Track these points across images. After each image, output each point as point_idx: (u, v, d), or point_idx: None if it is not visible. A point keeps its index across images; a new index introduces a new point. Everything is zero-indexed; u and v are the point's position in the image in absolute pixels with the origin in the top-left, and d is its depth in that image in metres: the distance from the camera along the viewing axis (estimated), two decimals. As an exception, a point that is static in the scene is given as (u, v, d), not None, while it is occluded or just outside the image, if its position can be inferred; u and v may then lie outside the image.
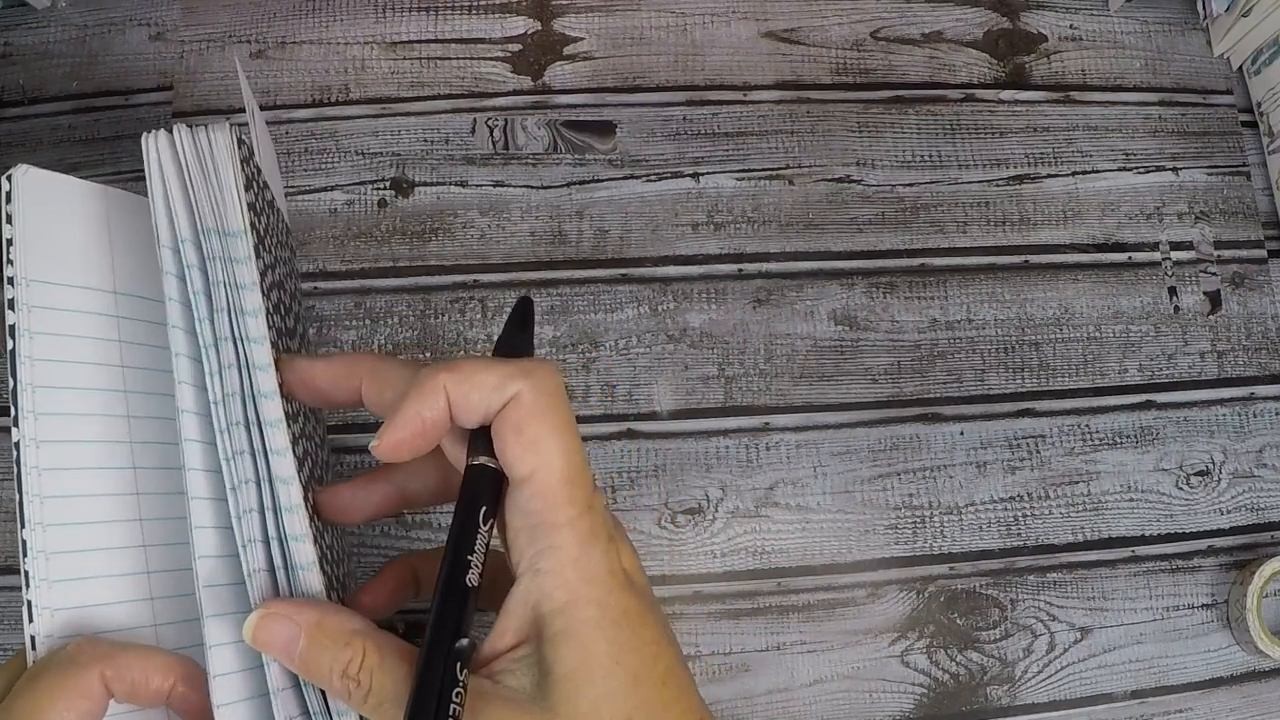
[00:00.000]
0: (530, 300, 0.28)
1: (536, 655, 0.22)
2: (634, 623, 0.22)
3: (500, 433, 0.23)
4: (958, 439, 0.53)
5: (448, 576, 0.22)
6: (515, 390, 0.22)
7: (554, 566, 0.22)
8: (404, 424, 0.23)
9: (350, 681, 0.22)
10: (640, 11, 0.57)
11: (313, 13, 0.56)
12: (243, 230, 0.26)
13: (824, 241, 0.55)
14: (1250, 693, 0.51)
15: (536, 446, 0.22)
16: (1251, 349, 0.56)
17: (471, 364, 0.23)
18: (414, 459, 0.25)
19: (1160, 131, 0.58)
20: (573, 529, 0.22)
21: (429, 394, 0.23)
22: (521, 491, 0.22)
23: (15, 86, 0.54)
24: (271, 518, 0.24)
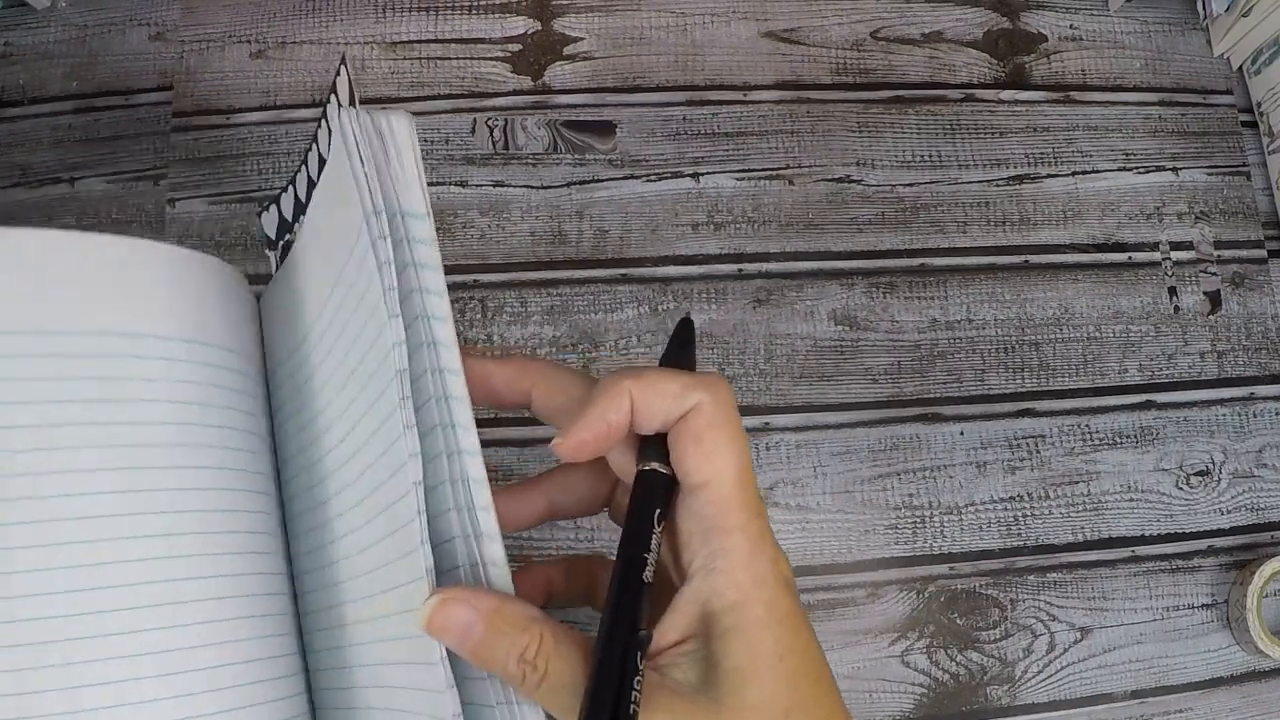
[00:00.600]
0: (691, 321, 0.29)
1: (704, 650, 0.23)
2: (795, 624, 0.23)
3: (679, 440, 0.24)
4: (958, 439, 0.53)
5: (625, 571, 0.23)
6: (696, 400, 0.24)
7: (727, 567, 0.23)
8: (589, 425, 0.24)
9: (527, 666, 0.22)
10: (640, 11, 0.57)
11: (313, 13, 0.56)
12: (425, 212, 0.26)
13: (824, 241, 0.55)
14: (1250, 693, 0.51)
15: (713, 455, 0.23)
16: (1251, 349, 0.56)
17: (656, 373, 0.24)
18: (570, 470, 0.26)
19: (1160, 131, 0.58)
20: (744, 533, 0.23)
21: (615, 397, 0.24)
22: (696, 497, 0.23)
23: (15, 86, 0.54)
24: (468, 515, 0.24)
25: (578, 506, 0.29)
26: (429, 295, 0.26)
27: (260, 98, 0.54)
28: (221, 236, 0.52)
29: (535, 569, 0.32)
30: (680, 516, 0.24)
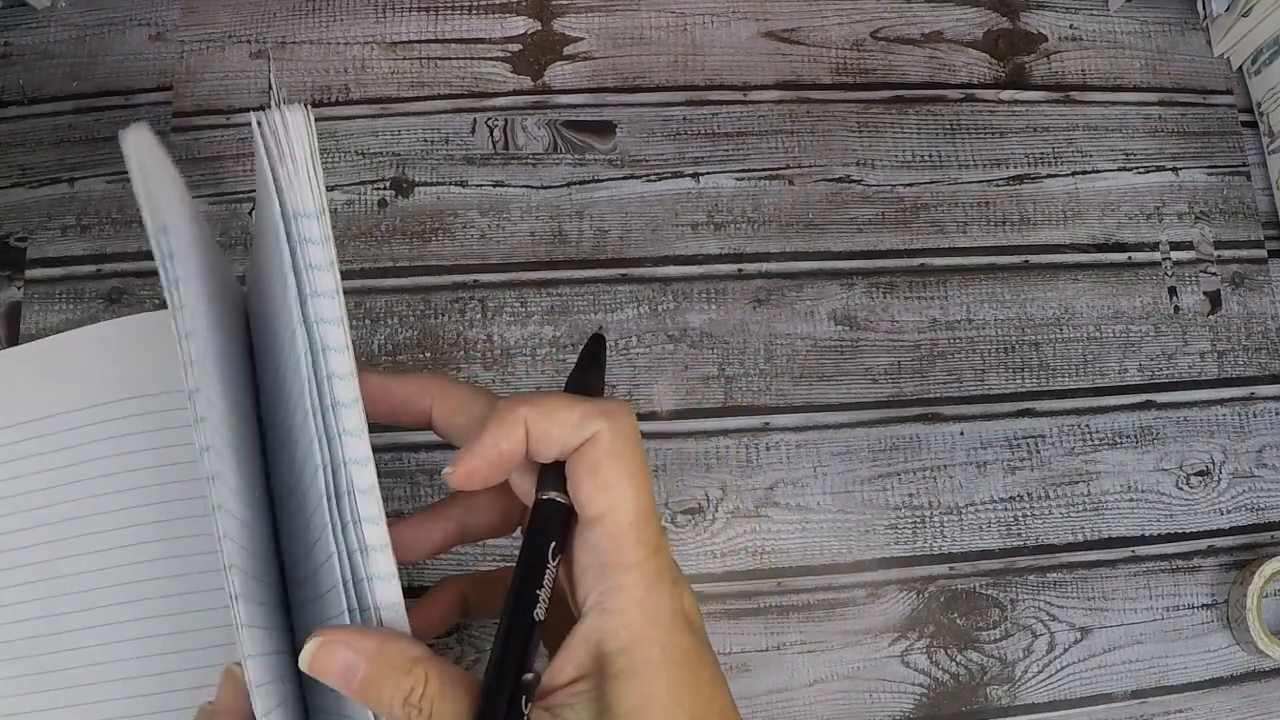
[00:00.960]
0: (603, 338, 0.28)
1: (596, 692, 0.23)
2: (693, 664, 0.23)
3: (576, 471, 0.23)
4: (958, 439, 0.53)
5: (514, 609, 0.23)
6: (594, 430, 0.23)
7: (620, 606, 0.22)
8: (481, 453, 0.23)
9: (412, 709, 0.22)
10: (640, 11, 0.57)
11: (313, 13, 0.56)
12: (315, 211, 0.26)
13: (824, 241, 0.55)
14: (1250, 693, 0.51)
15: (611, 488, 0.23)
16: (1251, 349, 0.56)
17: (553, 399, 0.23)
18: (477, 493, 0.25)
19: (1160, 131, 0.58)
20: (640, 571, 0.23)
21: (508, 425, 0.23)
22: (592, 530, 0.23)
23: (15, 86, 0.54)
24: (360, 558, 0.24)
25: (488, 529, 0.29)
26: (318, 298, 0.25)
27: (260, 98, 0.54)
28: (222, 236, 0.52)
29: (448, 584, 0.31)
30: (577, 549, 0.24)
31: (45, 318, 0.51)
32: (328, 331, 0.25)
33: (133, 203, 0.52)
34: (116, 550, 0.37)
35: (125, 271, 0.52)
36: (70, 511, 0.37)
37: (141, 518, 0.37)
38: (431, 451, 0.50)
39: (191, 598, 0.37)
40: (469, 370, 0.51)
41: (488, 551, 0.47)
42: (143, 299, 0.51)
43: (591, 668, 0.23)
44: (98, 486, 0.38)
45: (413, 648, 0.23)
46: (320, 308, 0.25)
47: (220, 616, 0.37)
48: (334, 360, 0.24)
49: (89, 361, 0.38)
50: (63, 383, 0.39)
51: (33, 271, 0.51)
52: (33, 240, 0.52)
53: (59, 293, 0.51)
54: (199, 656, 0.37)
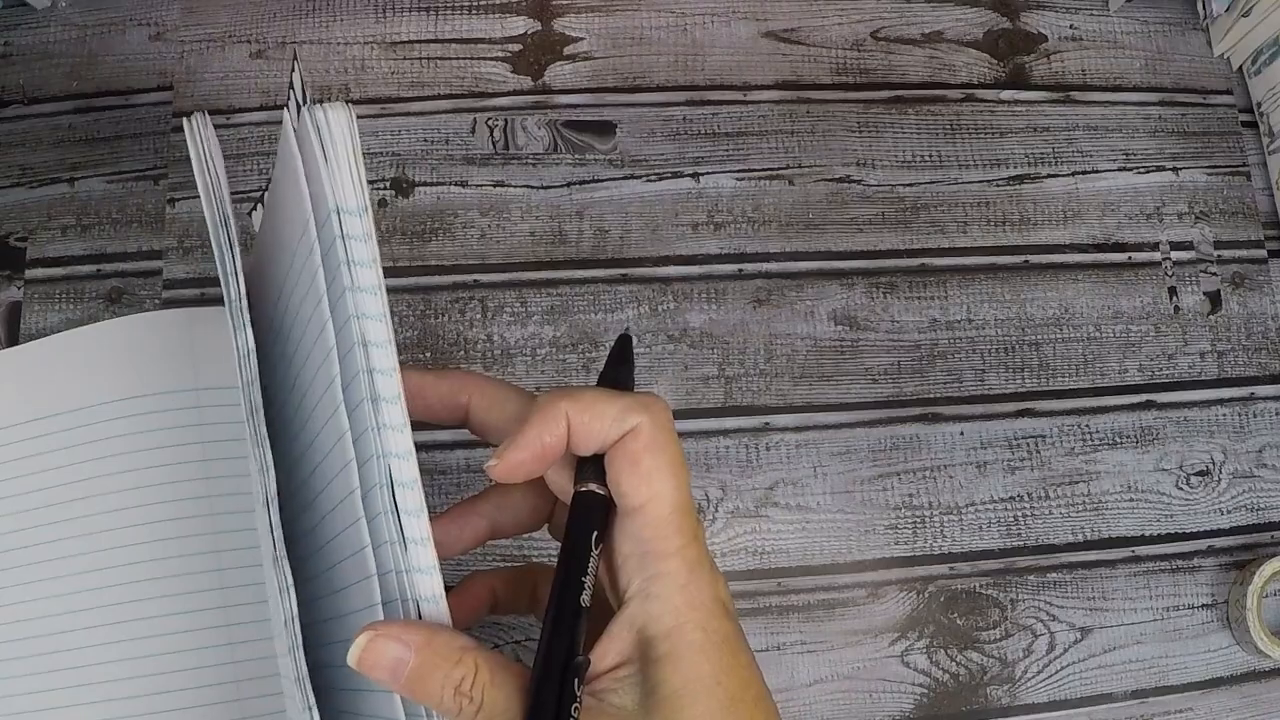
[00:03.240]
0: (630, 337, 0.29)
1: (640, 676, 0.23)
2: (732, 648, 0.24)
3: (616, 462, 0.24)
4: (958, 439, 0.53)
5: (561, 595, 0.23)
6: (635, 423, 0.24)
7: (663, 592, 0.23)
8: (525, 445, 0.23)
9: (463, 698, 0.22)
10: (640, 11, 0.57)
11: (313, 13, 0.56)
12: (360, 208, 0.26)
13: (824, 241, 0.55)
14: (1250, 693, 0.51)
15: (651, 479, 0.23)
16: (1251, 349, 0.56)
17: (593, 394, 0.24)
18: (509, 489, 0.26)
19: (1160, 131, 0.58)
20: (681, 558, 0.23)
21: (551, 419, 0.24)
22: (633, 520, 0.23)
23: (15, 86, 0.54)
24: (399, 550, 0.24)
25: (518, 525, 0.29)
26: (361, 293, 0.25)
27: (260, 98, 0.54)
28: (221, 236, 0.52)
29: (477, 579, 0.31)
30: (617, 539, 0.24)
31: (45, 318, 0.51)
32: (370, 326, 0.25)
33: (133, 202, 0.52)
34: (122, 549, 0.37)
35: (125, 271, 0.52)
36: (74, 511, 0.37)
37: (145, 516, 0.37)
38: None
39: (195, 597, 0.37)
40: (469, 370, 0.51)
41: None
42: (142, 299, 0.51)
43: (635, 653, 0.23)
44: (101, 485, 0.38)
45: (460, 638, 0.23)
46: (363, 303, 0.25)
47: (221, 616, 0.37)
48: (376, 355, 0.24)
49: (98, 359, 0.39)
50: (69, 380, 0.39)
51: (33, 271, 0.51)
52: (33, 240, 0.52)
53: (59, 293, 0.51)
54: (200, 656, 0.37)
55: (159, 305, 0.51)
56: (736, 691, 0.23)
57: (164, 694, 0.37)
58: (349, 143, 0.26)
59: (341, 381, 0.25)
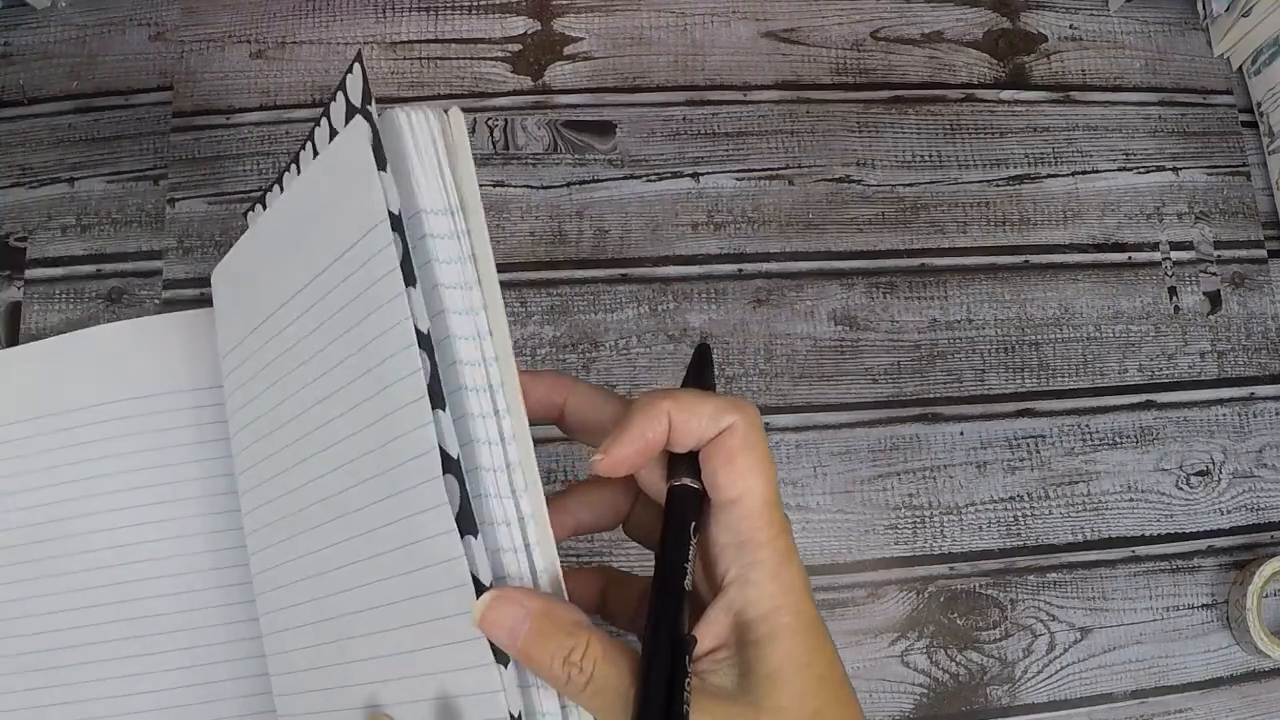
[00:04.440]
0: (709, 346, 0.31)
1: (738, 657, 0.25)
2: (820, 631, 0.25)
3: (713, 458, 0.25)
4: (958, 439, 0.53)
5: (665, 579, 0.25)
6: (730, 421, 0.25)
7: (759, 579, 0.25)
8: (630, 441, 0.25)
9: (573, 668, 0.23)
10: (640, 11, 0.57)
11: (313, 13, 0.56)
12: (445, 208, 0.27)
13: (824, 241, 0.55)
14: (1250, 693, 0.51)
15: (746, 474, 0.25)
16: (1251, 349, 0.56)
17: (690, 394, 0.26)
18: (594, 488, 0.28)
19: (1160, 131, 0.58)
20: (773, 548, 0.25)
21: (653, 416, 0.25)
22: (729, 512, 0.25)
23: (15, 86, 0.54)
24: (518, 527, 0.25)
25: (599, 522, 0.30)
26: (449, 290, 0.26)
27: (260, 98, 0.54)
28: (221, 236, 0.52)
29: (597, 571, 0.33)
30: (713, 530, 0.26)
31: (45, 318, 0.51)
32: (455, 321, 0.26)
33: (133, 202, 0.52)
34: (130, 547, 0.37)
35: (125, 271, 0.52)
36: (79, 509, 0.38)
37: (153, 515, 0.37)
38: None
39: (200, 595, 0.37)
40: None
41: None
42: (142, 299, 0.51)
43: (732, 636, 0.25)
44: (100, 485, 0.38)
45: (576, 613, 0.24)
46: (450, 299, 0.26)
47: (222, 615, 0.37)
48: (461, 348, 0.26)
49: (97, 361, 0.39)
50: (68, 381, 0.39)
51: (33, 271, 0.51)
52: (33, 240, 0.52)
53: (59, 293, 0.51)
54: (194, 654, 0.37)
55: (159, 305, 0.51)
56: (824, 671, 0.25)
57: (160, 692, 0.37)
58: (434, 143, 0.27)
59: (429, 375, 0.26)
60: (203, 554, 0.37)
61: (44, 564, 0.37)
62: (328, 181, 0.29)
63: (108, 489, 0.38)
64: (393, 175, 0.27)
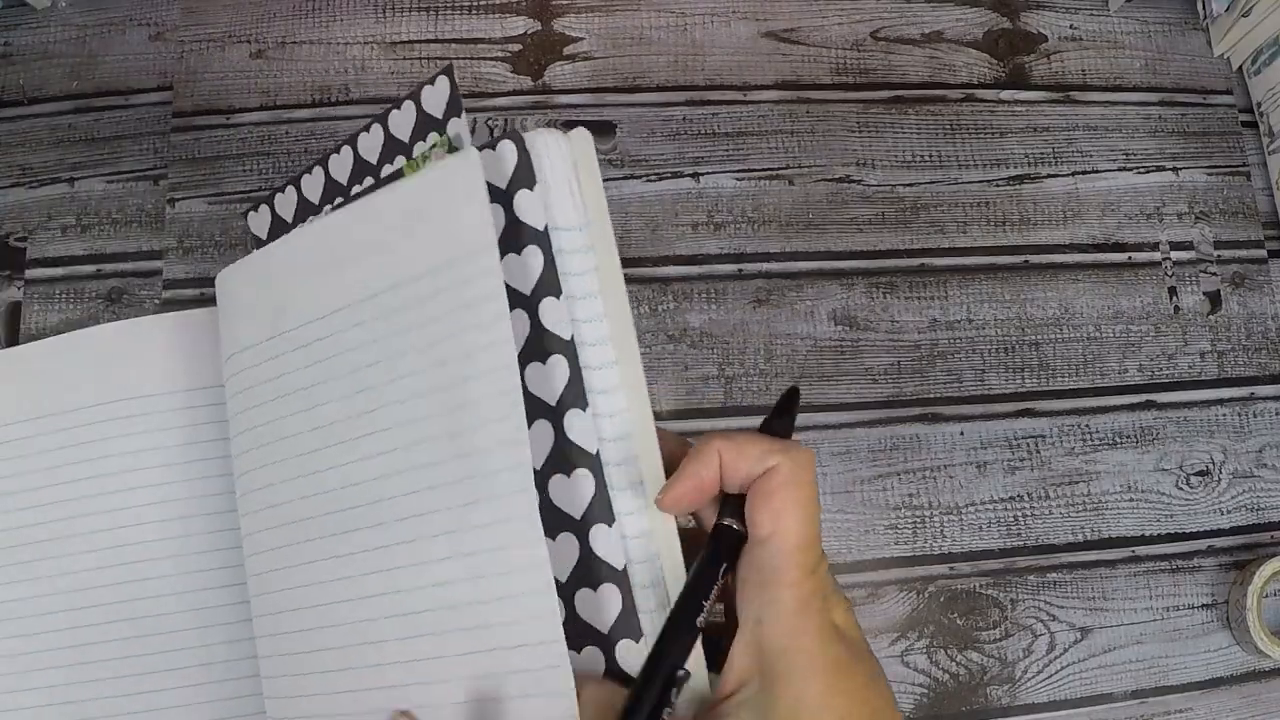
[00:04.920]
0: (797, 390, 0.32)
1: (756, 699, 0.25)
2: (844, 671, 0.25)
3: (753, 497, 0.26)
4: (958, 439, 0.53)
5: (679, 613, 0.26)
6: (774, 462, 0.26)
7: (773, 618, 0.25)
8: (686, 479, 0.26)
9: None
10: (640, 11, 0.57)
11: (313, 13, 0.56)
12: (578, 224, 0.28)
13: (824, 241, 0.55)
14: (1250, 693, 0.51)
15: (781, 514, 0.25)
16: (1251, 349, 0.56)
17: (743, 435, 0.27)
18: None
19: (1160, 131, 0.58)
20: (795, 589, 0.25)
21: (707, 457, 0.26)
22: (760, 550, 0.26)
23: (15, 86, 0.54)
24: None
25: None
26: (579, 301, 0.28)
27: (260, 98, 0.54)
28: (221, 236, 0.52)
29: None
30: (743, 566, 0.26)
31: (45, 318, 0.51)
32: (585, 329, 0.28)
33: (133, 202, 0.52)
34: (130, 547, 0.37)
35: (125, 271, 0.52)
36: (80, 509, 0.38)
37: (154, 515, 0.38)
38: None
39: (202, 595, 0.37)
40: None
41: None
42: (142, 299, 0.51)
43: (750, 676, 0.25)
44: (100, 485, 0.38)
45: None
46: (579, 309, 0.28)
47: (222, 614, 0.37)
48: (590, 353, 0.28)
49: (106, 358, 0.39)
50: (76, 380, 0.39)
51: (33, 271, 0.51)
52: (33, 240, 0.52)
53: (59, 293, 0.51)
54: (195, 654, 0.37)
55: (159, 305, 0.51)
56: (848, 711, 0.25)
57: (163, 691, 0.37)
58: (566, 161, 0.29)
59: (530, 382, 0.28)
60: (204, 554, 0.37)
61: (43, 564, 0.38)
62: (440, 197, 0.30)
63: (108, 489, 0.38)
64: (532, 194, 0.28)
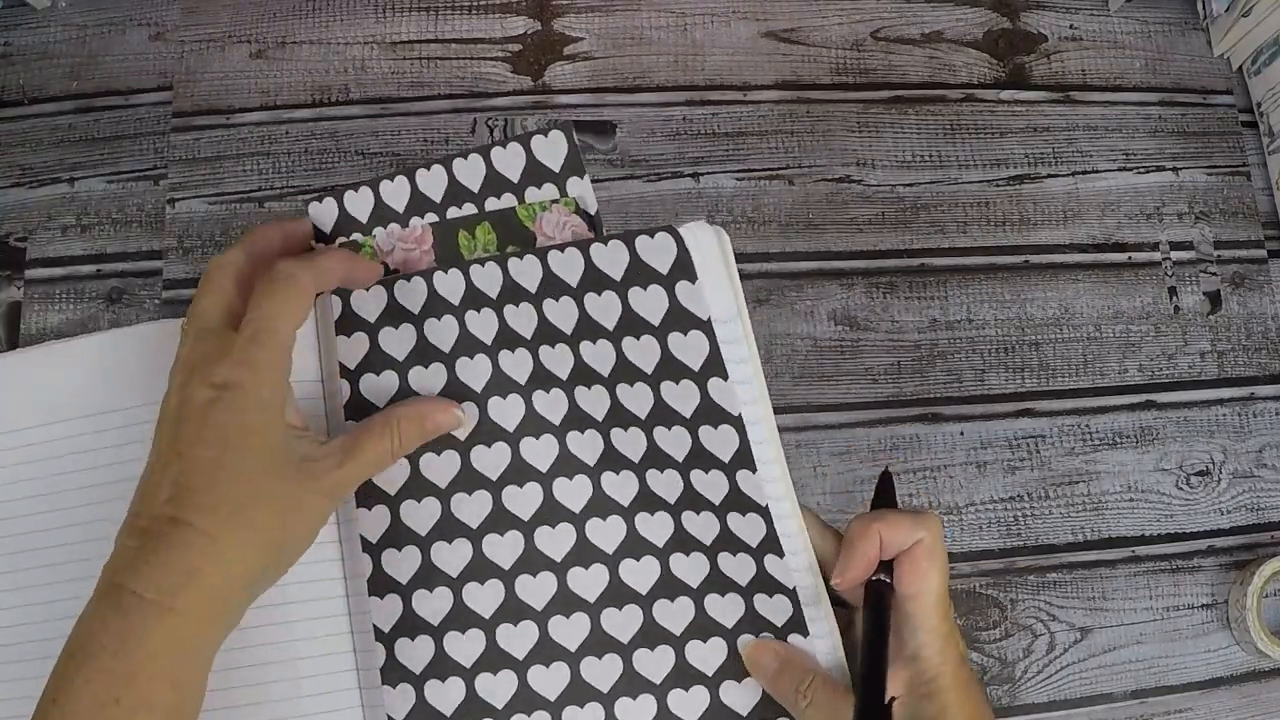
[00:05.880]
0: (889, 474, 0.38)
1: (910, 711, 0.33)
2: (973, 690, 0.34)
3: (904, 563, 0.33)
4: (958, 439, 0.53)
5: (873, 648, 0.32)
6: (920, 535, 0.33)
7: (926, 655, 0.33)
8: (857, 563, 0.33)
9: (799, 695, 0.34)
10: (640, 11, 0.57)
11: (313, 13, 0.56)
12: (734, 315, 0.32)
13: (824, 241, 0.55)
14: (1250, 693, 0.51)
15: (926, 576, 0.33)
16: (1251, 349, 0.56)
17: (893, 514, 0.33)
18: None
19: (1160, 131, 0.58)
20: (937, 632, 0.33)
21: (869, 539, 0.33)
22: (910, 603, 0.33)
23: (15, 86, 0.54)
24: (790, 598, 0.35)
25: None
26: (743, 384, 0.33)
27: (260, 98, 0.54)
28: (221, 237, 0.52)
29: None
30: (897, 615, 0.34)
31: (45, 318, 0.51)
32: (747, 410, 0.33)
33: (133, 202, 0.52)
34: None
35: (125, 271, 0.52)
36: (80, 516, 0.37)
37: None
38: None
39: None
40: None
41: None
42: (142, 299, 0.51)
43: (906, 693, 0.33)
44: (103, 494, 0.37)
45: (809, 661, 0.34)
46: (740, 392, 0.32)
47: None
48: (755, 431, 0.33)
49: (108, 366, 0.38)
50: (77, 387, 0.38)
51: (33, 271, 0.51)
52: (33, 240, 0.52)
53: (59, 293, 0.51)
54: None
55: (159, 305, 0.51)
56: (973, 714, 0.33)
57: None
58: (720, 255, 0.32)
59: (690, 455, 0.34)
60: None
61: (44, 571, 0.37)
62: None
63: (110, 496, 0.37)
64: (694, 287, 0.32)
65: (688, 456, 0.34)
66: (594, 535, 0.35)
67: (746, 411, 0.32)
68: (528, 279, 0.34)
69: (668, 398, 0.33)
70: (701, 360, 0.32)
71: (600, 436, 0.35)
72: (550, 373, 0.35)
